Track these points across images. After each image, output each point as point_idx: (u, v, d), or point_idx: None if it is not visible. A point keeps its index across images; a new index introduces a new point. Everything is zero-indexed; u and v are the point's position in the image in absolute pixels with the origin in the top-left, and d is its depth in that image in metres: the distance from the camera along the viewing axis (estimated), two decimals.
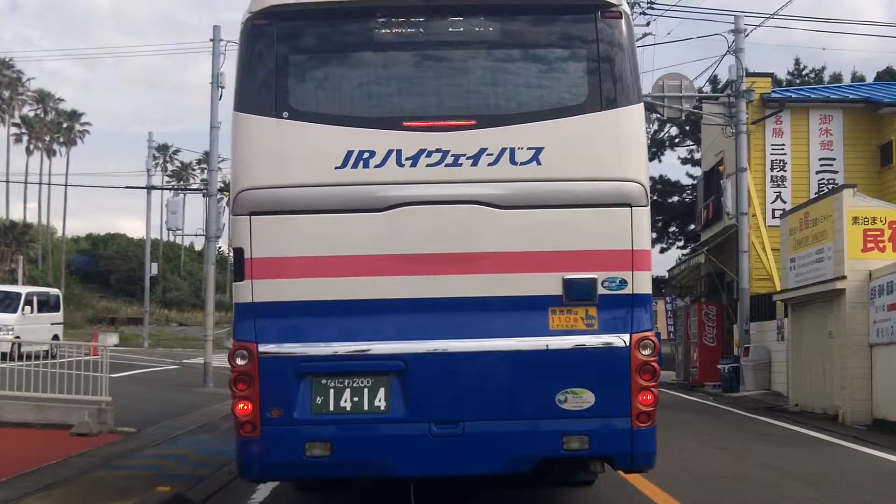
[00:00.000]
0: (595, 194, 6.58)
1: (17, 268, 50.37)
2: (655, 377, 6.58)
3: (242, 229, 6.60)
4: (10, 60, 77.32)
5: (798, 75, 43.96)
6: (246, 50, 6.73)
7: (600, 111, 6.60)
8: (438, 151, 6.50)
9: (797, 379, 18.54)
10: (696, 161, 41.92)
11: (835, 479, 10.10)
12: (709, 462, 11.32)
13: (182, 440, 12.30)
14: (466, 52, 6.81)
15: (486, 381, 6.50)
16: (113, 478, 9.19)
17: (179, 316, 71.13)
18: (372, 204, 6.52)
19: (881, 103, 25.60)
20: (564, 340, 6.52)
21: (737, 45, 24.00)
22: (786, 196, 25.46)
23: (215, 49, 23.36)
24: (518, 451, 6.51)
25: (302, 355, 6.52)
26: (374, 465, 6.56)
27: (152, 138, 47.69)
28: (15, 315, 27.58)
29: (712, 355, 26.18)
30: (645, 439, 6.56)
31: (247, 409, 6.50)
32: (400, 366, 6.50)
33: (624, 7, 6.75)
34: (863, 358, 15.66)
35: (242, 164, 6.70)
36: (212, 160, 24.95)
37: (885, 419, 14.86)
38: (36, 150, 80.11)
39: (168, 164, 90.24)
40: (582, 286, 6.52)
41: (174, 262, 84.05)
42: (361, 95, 6.86)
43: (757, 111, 25.43)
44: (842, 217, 15.94)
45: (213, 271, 24.11)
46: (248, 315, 6.57)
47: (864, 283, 15.72)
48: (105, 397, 12.88)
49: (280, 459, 6.54)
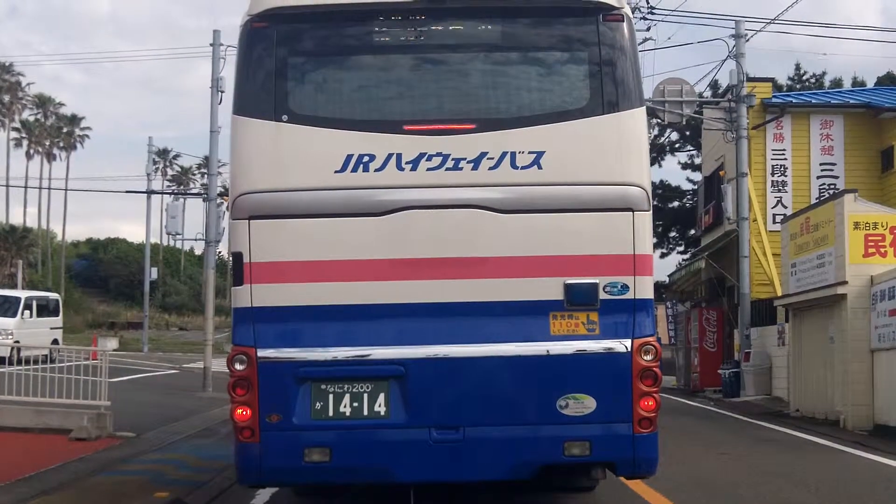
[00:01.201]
0: (597, 198, 6.54)
1: (16, 272, 50.33)
2: (657, 383, 6.55)
3: (241, 233, 6.56)
4: (11, 65, 77.51)
5: (799, 80, 43.97)
6: (245, 53, 6.70)
7: (602, 115, 6.57)
8: (439, 155, 6.47)
9: (798, 384, 18.50)
10: (696, 166, 41.94)
11: (836, 485, 10.05)
12: (710, 468, 11.27)
13: (181, 445, 12.25)
14: (467, 56, 6.78)
15: (487, 386, 6.47)
16: (111, 483, 9.14)
17: (179, 320, 71.08)
18: (372, 208, 6.49)
19: (882, 108, 25.58)
20: (566, 345, 6.49)
21: (737, 50, 23.96)
22: (787, 201, 25.43)
23: (215, 53, 23.35)
24: (519, 457, 6.48)
25: (301, 360, 6.48)
26: (374, 470, 6.52)
27: (152, 143, 47.71)
28: (14, 319, 27.59)
29: (713, 360, 26.13)
30: (647, 445, 6.52)
31: (246, 414, 6.47)
32: (400, 371, 6.47)
33: (625, 10, 6.73)
34: (864, 363, 15.62)
35: (241, 167, 6.67)
36: (211, 164, 24.95)
37: (887, 424, 14.81)
38: (36, 155, 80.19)
39: (168, 169, 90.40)
40: (583, 291, 6.49)
41: (174, 266, 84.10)
42: (361, 99, 6.83)
43: (758, 116, 25.41)
44: (843, 222, 15.90)
45: (213, 275, 24.05)
46: (247, 320, 6.54)
47: (866, 288, 15.68)
48: (104, 402, 12.84)
49: (279, 465, 6.50)
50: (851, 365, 15.71)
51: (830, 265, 16.42)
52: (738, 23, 24.30)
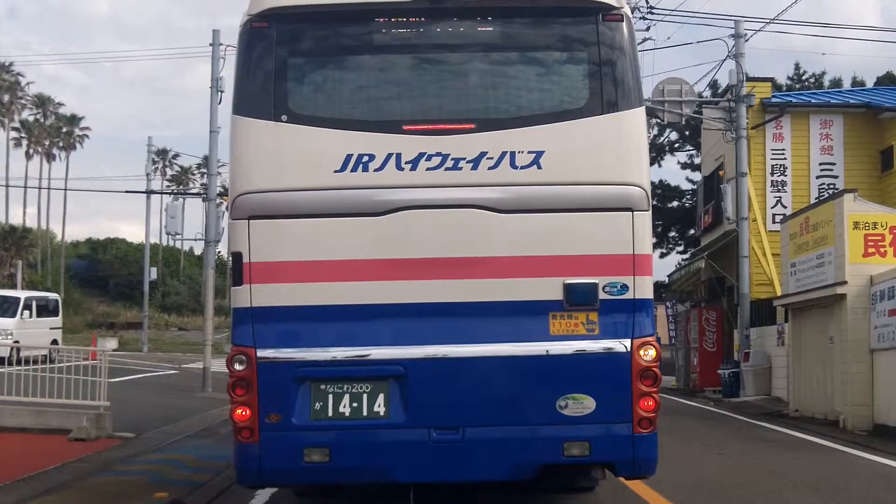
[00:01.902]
0: (596, 198, 6.54)
1: (16, 272, 50.29)
2: (657, 383, 6.54)
3: (241, 233, 6.56)
4: (10, 65, 77.48)
5: (798, 80, 43.97)
6: (244, 52, 6.69)
7: (601, 115, 6.57)
8: (438, 155, 6.46)
9: (798, 384, 18.49)
10: (695, 166, 41.94)
11: (836, 486, 10.05)
12: (709, 468, 11.27)
13: (181, 445, 12.24)
14: (466, 55, 6.77)
15: (487, 386, 6.46)
16: (111, 483, 9.14)
17: (179, 320, 71.02)
18: (371, 208, 6.48)
19: (881, 108, 25.59)
20: (565, 346, 6.48)
21: (737, 50, 23.95)
22: (786, 201, 25.43)
23: (215, 53, 23.35)
24: (519, 457, 6.47)
25: (300, 360, 6.48)
26: (374, 471, 6.52)
27: (152, 143, 47.69)
28: (14, 320, 27.62)
29: (713, 360, 26.13)
30: (646, 445, 6.52)
31: (245, 415, 6.46)
32: (399, 371, 6.46)
33: (625, 10, 6.72)
34: (864, 363, 15.61)
35: (241, 167, 6.66)
36: (211, 164, 24.95)
37: (886, 425, 14.81)
38: (35, 155, 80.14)
39: (167, 169, 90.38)
40: (583, 291, 6.48)
41: (173, 266, 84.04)
42: (361, 99, 6.82)
43: (757, 116, 25.40)
44: (842, 222, 15.90)
45: (213, 276, 24.05)
46: (247, 320, 6.53)
47: (865, 288, 15.68)
48: (104, 402, 12.85)
49: (278, 465, 6.50)
50: (851, 365, 15.70)
51: (830, 265, 16.42)
52: (737, 23, 24.29)
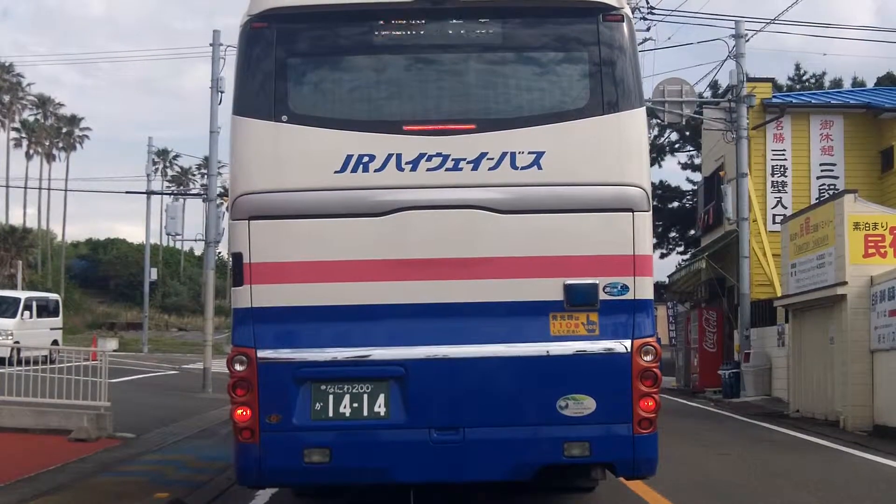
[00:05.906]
0: (596, 199, 6.54)
1: (16, 273, 50.26)
2: (657, 383, 6.54)
3: (241, 234, 6.56)
4: (11, 65, 77.50)
5: (798, 81, 43.93)
6: (244, 53, 6.69)
7: (602, 115, 6.57)
8: (439, 156, 6.46)
9: (798, 385, 18.49)
10: (696, 166, 41.92)
11: (836, 486, 10.05)
12: (710, 468, 11.27)
13: (181, 446, 12.25)
14: (467, 56, 6.77)
15: (487, 387, 6.46)
16: (111, 484, 9.14)
17: (179, 321, 71.07)
18: (371, 208, 6.48)
19: (882, 108, 25.56)
20: (565, 346, 6.48)
21: (737, 50, 23.93)
22: (786, 201, 25.42)
23: (215, 53, 23.35)
24: (519, 457, 6.47)
25: (301, 361, 6.48)
26: (374, 471, 6.52)
27: (152, 143, 47.76)
28: (14, 320, 27.60)
29: (713, 361, 26.12)
30: (646, 446, 6.52)
31: (245, 415, 6.46)
32: (400, 371, 6.46)
33: (625, 10, 6.72)
34: (864, 364, 15.60)
35: (241, 167, 6.66)
36: (211, 165, 24.95)
37: (886, 425, 14.80)
38: (36, 155, 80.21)
39: (168, 170, 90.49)
40: (583, 291, 6.48)
41: (174, 267, 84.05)
42: (361, 99, 6.82)
43: (757, 116, 25.39)
44: (843, 222, 15.89)
45: (213, 276, 24.05)
46: (247, 320, 6.54)
47: (866, 288, 15.67)
48: (104, 402, 12.84)
49: (279, 465, 6.50)
50: (851, 365, 15.69)
51: (830, 265, 16.42)
52: (737, 23, 24.29)
